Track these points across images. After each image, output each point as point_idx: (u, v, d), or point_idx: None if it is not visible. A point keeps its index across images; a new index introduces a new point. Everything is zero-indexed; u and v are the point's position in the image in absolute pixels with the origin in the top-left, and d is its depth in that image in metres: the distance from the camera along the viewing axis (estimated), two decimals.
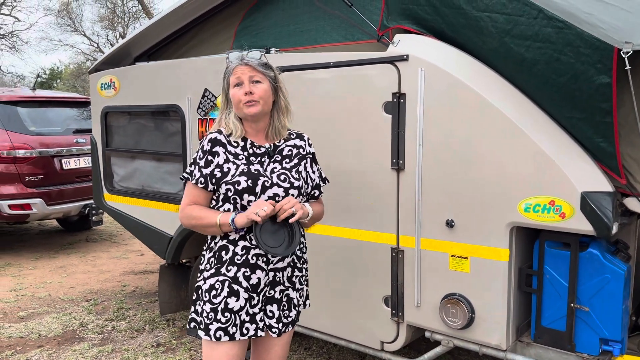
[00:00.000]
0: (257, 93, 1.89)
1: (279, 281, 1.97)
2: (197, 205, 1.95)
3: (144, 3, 22.43)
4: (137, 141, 3.91)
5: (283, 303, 2.00)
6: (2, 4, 21.49)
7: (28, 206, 5.68)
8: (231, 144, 1.95)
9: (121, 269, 5.60)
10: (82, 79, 26.71)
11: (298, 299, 2.06)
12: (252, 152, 1.96)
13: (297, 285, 2.04)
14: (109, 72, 3.96)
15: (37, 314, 4.28)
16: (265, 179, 1.90)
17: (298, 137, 2.08)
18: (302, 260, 2.07)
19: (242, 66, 1.90)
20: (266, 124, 2.00)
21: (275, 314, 1.98)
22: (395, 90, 2.54)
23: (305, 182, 2.01)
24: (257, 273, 1.91)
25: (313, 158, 2.11)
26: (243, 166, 1.91)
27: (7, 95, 6.01)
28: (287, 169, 1.97)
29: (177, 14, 3.54)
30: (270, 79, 1.94)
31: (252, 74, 1.89)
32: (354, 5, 2.92)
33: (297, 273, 2.04)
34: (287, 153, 2.01)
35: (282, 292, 1.99)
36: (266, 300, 1.96)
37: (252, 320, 1.92)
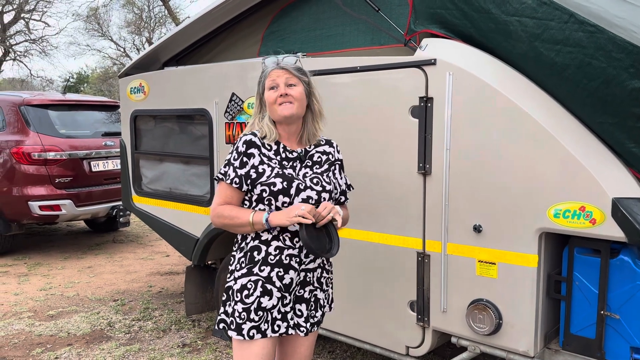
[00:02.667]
0: (293, 95, 1.93)
1: (309, 281, 2.01)
2: (230, 204, 1.98)
3: (171, 8, 22.79)
4: (165, 144, 3.98)
5: (311, 303, 2.04)
6: (33, 10, 22.08)
7: (58, 207, 5.82)
8: (265, 146, 1.98)
9: (147, 269, 5.69)
10: (108, 83, 27.24)
11: (324, 300, 2.10)
12: (284, 157, 1.99)
13: (324, 286, 2.09)
14: (139, 76, 4.04)
15: (66, 312, 4.37)
16: (299, 182, 1.94)
17: (327, 143, 2.13)
18: (329, 263, 2.12)
19: (278, 70, 1.95)
20: (299, 128, 2.03)
21: (304, 313, 2.01)
22: (422, 95, 2.54)
23: (335, 188, 2.06)
24: (290, 273, 1.95)
25: (341, 165, 2.15)
26: (277, 169, 1.95)
27: (38, 99, 6.17)
28: (319, 174, 2.01)
29: (205, 20, 3.59)
30: (304, 84, 1.98)
31: (287, 76, 1.93)
32: (381, 9, 2.93)
33: (325, 275, 2.09)
34: (317, 159, 2.06)
35: (311, 292, 2.03)
36: (295, 299, 1.99)
37: (284, 319, 1.96)
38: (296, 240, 1.95)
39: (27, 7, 21.50)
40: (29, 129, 5.86)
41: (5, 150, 5.80)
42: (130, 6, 24.71)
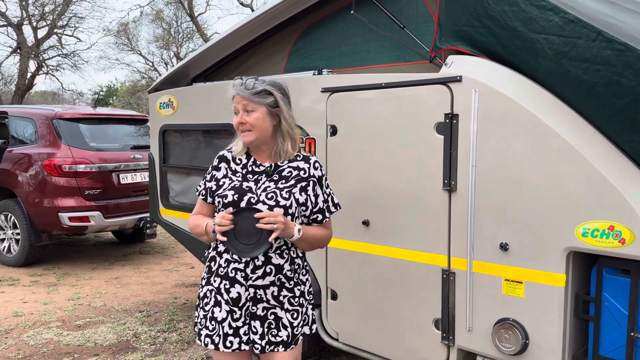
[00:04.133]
0: (249, 122, 1.95)
1: (261, 298, 1.98)
2: (199, 214, 2.11)
3: (198, 24, 23.24)
4: (192, 158, 4.05)
5: (269, 321, 2.00)
6: (66, 26, 22.74)
7: (87, 218, 5.95)
8: (235, 161, 2.07)
9: (173, 281, 5.76)
10: (137, 96, 27.82)
11: (290, 320, 2.02)
12: (250, 170, 2.04)
13: (286, 305, 2.01)
14: (168, 92, 4.13)
15: (93, 323, 4.45)
16: (251, 196, 1.96)
17: (304, 159, 2.07)
18: (293, 282, 2.03)
19: (238, 96, 1.97)
20: (270, 146, 2.04)
21: (258, 330, 2.00)
22: (447, 111, 2.55)
23: (299, 204, 2.00)
24: (237, 287, 1.97)
25: (318, 181, 2.07)
26: (236, 182, 2.01)
27: (69, 113, 6.35)
28: (279, 189, 1.99)
29: (233, 38, 3.67)
30: (267, 106, 1.97)
31: (245, 102, 1.95)
32: (406, 27, 2.96)
33: (285, 293, 2.01)
34: (286, 174, 2.03)
35: (266, 310, 1.99)
36: (250, 316, 2.00)
37: (236, 334, 1.98)
38: None
39: (60, 23, 22.17)
40: (60, 142, 6.02)
41: (37, 163, 5.97)
42: (158, 21, 25.28)
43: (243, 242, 1.88)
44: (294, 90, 3.27)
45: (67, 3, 21.76)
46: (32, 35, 22.14)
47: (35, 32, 22.18)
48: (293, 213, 1.98)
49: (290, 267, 2.02)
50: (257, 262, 1.95)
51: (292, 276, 2.03)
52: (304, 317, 2.09)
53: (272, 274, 1.97)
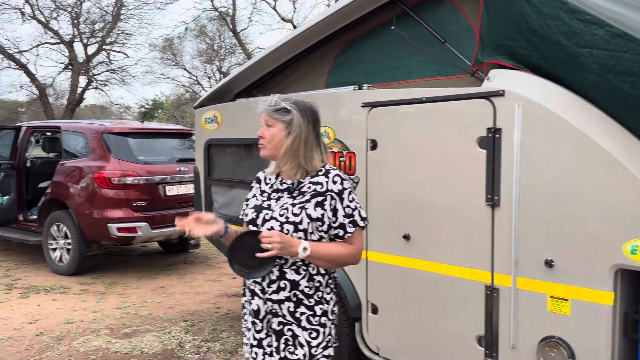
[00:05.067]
0: (266, 136, 2.01)
1: (277, 313, 1.98)
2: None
3: (240, 39, 23.75)
4: (235, 171, 4.15)
5: (286, 337, 1.98)
6: (114, 42, 23.65)
7: (134, 229, 6.15)
8: (265, 180, 2.13)
9: (215, 291, 5.88)
10: (181, 110, 28.57)
11: (308, 339, 1.97)
12: (275, 189, 2.08)
13: (304, 323, 1.97)
14: (213, 107, 4.26)
15: (140, 331, 4.59)
16: (267, 212, 2.00)
17: (324, 174, 2.02)
18: (314, 300, 1.98)
19: (262, 112, 2.04)
20: (286, 163, 2.03)
21: (273, 344, 2.01)
22: (490, 126, 2.53)
23: (312, 220, 1.95)
24: (256, 300, 2.02)
25: (338, 195, 1.98)
26: (260, 200, 2.07)
27: (118, 127, 6.60)
28: (292, 205, 1.98)
29: (275, 54, 3.76)
30: (284, 124, 1.99)
31: (266, 118, 2.02)
32: (447, 41, 2.96)
33: (303, 310, 1.97)
34: (305, 189, 2.01)
35: (282, 325, 1.98)
36: (270, 329, 2.02)
37: (259, 345, 2.03)
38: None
39: (108, 39, 23.09)
40: (109, 155, 6.26)
41: (88, 175, 6.23)
42: (202, 37, 25.97)
43: (250, 263, 1.91)
44: (335, 104, 3.34)
45: (116, 20, 22.66)
46: (83, 51, 23.13)
47: (86, 48, 23.17)
48: (305, 229, 1.94)
49: (309, 284, 1.98)
50: (272, 277, 1.97)
51: (311, 293, 1.98)
52: (327, 338, 2.01)
53: (286, 289, 1.96)
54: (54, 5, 21.75)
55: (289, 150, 1.99)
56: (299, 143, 1.99)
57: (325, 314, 2.01)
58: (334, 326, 2.06)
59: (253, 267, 1.91)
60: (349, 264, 2.05)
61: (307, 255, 1.91)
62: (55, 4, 21.77)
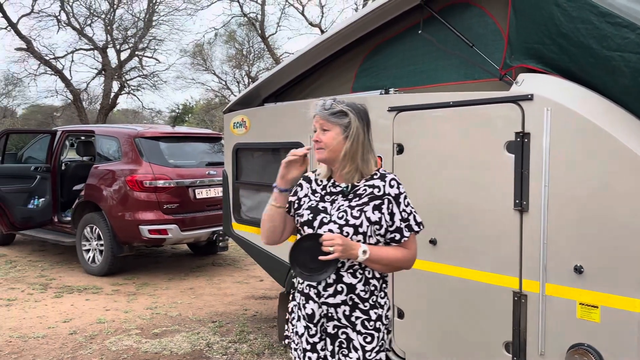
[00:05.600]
0: (323, 140, 1.99)
1: (332, 317, 1.98)
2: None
3: (269, 44, 23.98)
4: (263, 175, 4.20)
5: (340, 340, 1.99)
6: (146, 48, 24.16)
7: (165, 231, 6.27)
8: (317, 181, 2.11)
9: (243, 293, 5.94)
10: (210, 114, 28.99)
11: (362, 343, 1.97)
12: (328, 191, 2.06)
13: (359, 327, 1.97)
14: (241, 112, 4.33)
15: (169, 332, 4.68)
16: (325, 216, 1.99)
17: (380, 177, 2.02)
18: (369, 304, 1.98)
19: (317, 115, 2.03)
20: (343, 166, 2.02)
21: (329, 348, 2.01)
22: (518, 130, 2.51)
23: (371, 223, 1.96)
24: (310, 304, 2.00)
25: (394, 199, 1.99)
26: (314, 202, 2.05)
27: (150, 132, 6.75)
28: (351, 207, 1.97)
29: (302, 60, 3.80)
30: (342, 127, 1.99)
31: (322, 122, 2.01)
32: (475, 45, 2.95)
33: (359, 314, 1.97)
34: (361, 192, 2.01)
35: (337, 329, 1.98)
36: (324, 332, 2.02)
37: (314, 350, 2.01)
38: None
39: (141, 45, 23.62)
40: (141, 159, 6.41)
41: (120, 178, 6.38)
42: (232, 42, 26.32)
43: (310, 266, 1.91)
44: None
45: (148, 27, 23.16)
46: (116, 57, 23.72)
47: (119, 54, 23.75)
48: (364, 232, 1.95)
49: (365, 287, 1.97)
50: (328, 280, 1.96)
51: (366, 297, 1.98)
52: (381, 343, 2.00)
53: (343, 293, 1.95)
54: (88, 13, 22.37)
55: (348, 154, 1.99)
56: (357, 146, 1.99)
57: (380, 318, 2.00)
58: (386, 331, 2.04)
59: (313, 270, 1.90)
60: (403, 268, 2.05)
61: (366, 258, 1.91)
62: (89, 11, 22.40)
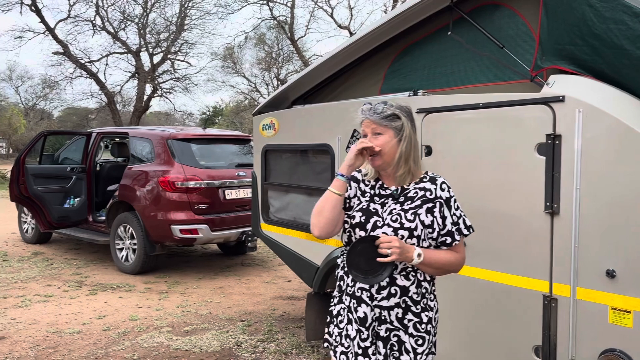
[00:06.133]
0: (377, 145, 1.96)
1: (385, 319, 1.97)
2: None
3: (298, 46, 24.11)
4: (291, 176, 4.25)
5: (392, 343, 1.98)
6: (178, 52, 24.61)
7: (196, 231, 6.39)
8: (364, 182, 2.09)
9: (271, 293, 6.00)
10: (240, 116, 29.32)
11: (414, 345, 1.97)
12: (377, 193, 2.04)
13: (410, 329, 1.97)
14: (270, 114, 4.38)
15: (200, 329, 4.76)
16: (378, 219, 1.97)
17: (430, 180, 2.03)
18: (420, 307, 1.99)
19: (366, 120, 1.99)
20: (396, 169, 2.02)
21: (381, 351, 1.99)
22: (549, 132, 2.48)
23: (425, 226, 1.96)
24: (363, 307, 1.97)
25: (445, 203, 2.00)
26: (364, 203, 2.03)
27: (182, 134, 6.88)
28: (404, 210, 1.96)
29: (331, 62, 3.82)
30: (394, 130, 1.97)
31: (373, 126, 1.97)
32: (505, 46, 2.93)
33: (411, 317, 1.97)
34: (412, 195, 2.00)
35: (389, 331, 1.97)
36: (376, 336, 2.00)
37: (365, 354, 1.98)
38: None
39: (173, 49, 24.06)
40: (174, 160, 6.54)
41: (153, 179, 6.53)
42: (261, 45, 26.57)
43: (365, 269, 1.89)
44: None
45: (180, 31, 23.58)
46: (149, 61, 24.22)
47: (152, 58, 24.25)
48: (419, 235, 1.94)
49: (417, 290, 1.98)
50: (382, 283, 1.95)
51: (418, 300, 1.98)
52: (430, 346, 2.01)
53: (397, 296, 1.95)
54: (122, 17, 22.92)
55: (403, 156, 1.98)
56: (411, 148, 1.99)
57: (430, 321, 2.01)
58: (435, 334, 2.04)
59: (368, 273, 1.88)
60: (453, 271, 2.04)
61: (421, 261, 1.90)
62: (123, 16, 22.95)
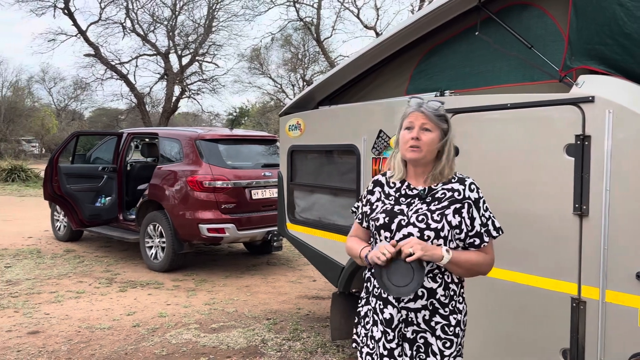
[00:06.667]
0: (423, 140, 1.94)
1: (412, 321, 1.95)
2: (356, 237, 2.16)
3: (324, 47, 24.17)
4: (316, 177, 4.28)
5: (418, 345, 1.96)
6: (206, 53, 24.93)
7: (222, 230, 6.48)
8: (389, 184, 2.08)
9: (296, 292, 6.05)
10: (266, 117, 29.53)
11: (441, 348, 1.95)
12: (403, 193, 2.03)
13: (438, 332, 1.95)
14: (296, 115, 4.42)
15: (227, 327, 4.83)
16: (402, 218, 1.95)
17: (459, 181, 2.01)
18: (448, 310, 1.96)
19: (418, 113, 1.96)
20: (427, 169, 2.02)
21: (407, 353, 1.98)
22: (579, 133, 2.46)
23: (452, 227, 1.93)
24: (389, 308, 1.97)
25: (474, 204, 1.98)
26: (388, 205, 2.01)
27: (210, 134, 6.99)
28: (431, 211, 1.94)
29: (357, 62, 3.84)
30: (441, 131, 1.97)
31: (424, 121, 1.94)
32: (534, 46, 2.90)
33: (438, 319, 1.95)
34: (440, 195, 1.98)
35: (416, 333, 1.96)
36: (402, 337, 1.98)
37: (390, 355, 1.97)
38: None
39: (201, 51, 24.39)
40: (202, 161, 6.65)
41: (181, 179, 6.65)
42: (287, 46, 26.72)
43: (395, 280, 1.86)
44: None
45: (208, 32, 23.89)
46: (177, 62, 24.61)
47: (180, 60, 24.62)
48: (445, 236, 1.92)
49: (445, 292, 1.95)
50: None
51: (446, 302, 1.95)
52: (458, 348, 1.98)
53: (424, 298, 1.93)
54: (151, 19, 23.33)
55: (443, 157, 1.98)
56: (450, 150, 2.00)
57: (459, 324, 1.98)
58: (463, 337, 2.02)
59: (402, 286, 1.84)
60: (483, 273, 2.01)
61: (450, 259, 1.87)
62: (152, 18, 23.36)
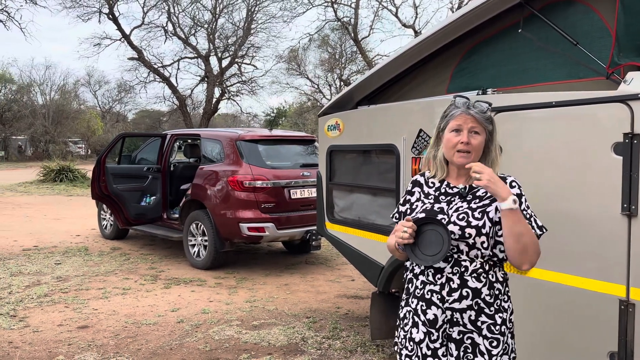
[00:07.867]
0: (473, 144, 1.93)
1: (457, 322, 1.93)
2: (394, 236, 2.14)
3: (362, 47, 24.11)
4: (355, 176, 4.29)
5: (465, 345, 1.94)
6: (245, 55, 25.28)
7: (262, 229, 6.58)
8: (428, 184, 2.08)
9: (335, 291, 6.08)
10: (303, 117, 29.68)
11: (489, 347, 1.93)
12: (443, 192, 2.02)
13: (484, 332, 1.93)
14: (335, 115, 4.45)
15: (267, 324, 4.90)
16: (442, 217, 1.94)
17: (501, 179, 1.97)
18: (494, 309, 1.94)
19: (466, 115, 1.94)
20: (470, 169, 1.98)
21: (453, 353, 1.96)
22: (627, 131, 2.39)
23: (494, 224, 1.92)
24: (433, 309, 1.95)
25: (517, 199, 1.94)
26: (428, 204, 2.01)
27: (250, 135, 7.11)
28: (472, 209, 1.94)
29: (397, 62, 3.83)
30: (487, 133, 1.96)
31: (473, 124, 1.93)
32: (579, 43, 2.84)
33: (484, 319, 1.93)
34: (481, 194, 1.98)
35: (462, 334, 1.94)
36: (447, 338, 1.97)
37: (434, 355, 1.96)
38: (438, 277, 1.94)
39: (240, 53, 24.75)
40: (242, 161, 6.77)
41: (223, 179, 6.78)
42: (325, 46, 26.78)
43: (425, 251, 1.88)
44: None
45: (247, 35, 24.22)
46: (217, 65, 25.05)
47: (220, 62, 25.06)
48: (487, 233, 1.91)
49: (490, 291, 1.94)
50: (452, 285, 1.92)
51: (491, 302, 1.94)
52: (504, 347, 1.97)
53: (469, 298, 1.92)
54: (192, 23, 23.84)
55: (489, 159, 1.99)
56: (496, 152, 2.00)
57: (505, 322, 1.97)
58: (510, 335, 2.01)
59: (435, 254, 1.86)
60: (531, 253, 1.90)
61: (515, 208, 1.81)
62: (193, 21, 23.86)
